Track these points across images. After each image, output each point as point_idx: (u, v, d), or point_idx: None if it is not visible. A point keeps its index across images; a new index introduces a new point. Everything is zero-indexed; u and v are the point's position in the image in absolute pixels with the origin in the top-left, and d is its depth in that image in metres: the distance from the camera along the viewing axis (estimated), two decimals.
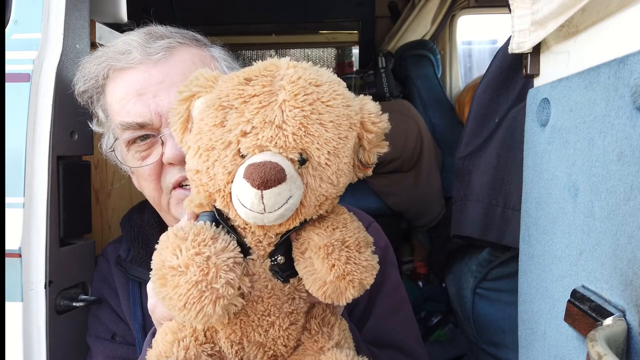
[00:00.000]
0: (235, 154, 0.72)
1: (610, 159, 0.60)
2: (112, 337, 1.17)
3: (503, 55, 1.26)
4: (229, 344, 0.79)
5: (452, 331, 2.58)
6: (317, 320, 0.85)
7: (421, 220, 2.69)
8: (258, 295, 0.77)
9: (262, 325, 0.78)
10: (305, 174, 0.73)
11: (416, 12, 3.15)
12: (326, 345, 0.82)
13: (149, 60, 1.04)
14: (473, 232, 1.37)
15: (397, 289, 1.22)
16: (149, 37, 1.07)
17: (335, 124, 0.73)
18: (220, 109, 0.73)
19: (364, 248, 0.77)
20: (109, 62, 1.07)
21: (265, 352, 0.80)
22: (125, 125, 1.05)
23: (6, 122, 1.09)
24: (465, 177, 1.39)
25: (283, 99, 0.71)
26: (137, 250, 1.18)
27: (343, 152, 0.75)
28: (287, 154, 0.71)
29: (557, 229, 0.73)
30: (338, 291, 0.74)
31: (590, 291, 0.64)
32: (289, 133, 0.70)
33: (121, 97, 1.06)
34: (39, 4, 1.15)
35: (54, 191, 1.13)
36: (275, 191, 0.67)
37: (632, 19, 0.60)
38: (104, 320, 1.19)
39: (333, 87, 0.75)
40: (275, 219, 0.71)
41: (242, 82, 0.73)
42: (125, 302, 1.18)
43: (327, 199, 0.76)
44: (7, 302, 1.08)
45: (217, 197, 0.75)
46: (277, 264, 0.78)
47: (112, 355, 1.14)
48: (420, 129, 2.58)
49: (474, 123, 1.37)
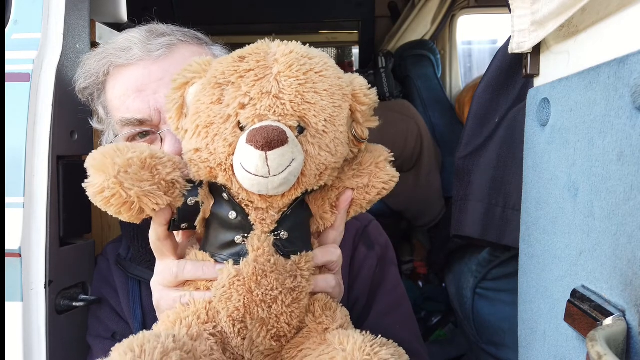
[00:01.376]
0: (235, 126, 0.73)
1: (610, 159, 0.60)
2: (113, 336, 1.17)
3: (503, 55, 1.25)
4: (230, 323, 0.79)
5: (452, 331, 2.58)
6: (321, 303, 0.85)
7: (421, 220, 2.69)
8: (262, 269, 0.78)
9: (266, 300, 0.78)
10: (305, 142, 0.75)
11: (416, 12, 3.15)
12: (331, 327, 0.83)
13: (149, 57, 1.05)
14: (473, 232, 1.37)
15: (397, 287, 1.23)
16: (150, 34, 1.08)
17: (329, 93, 0.76)
18: (216, 86, 0.75)
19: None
20: (109, 58, 1.07)
21: (269, 330, 0.80)
22: (124, 121, 1.05)
23: (6, 122, 1.09)
24: (465, 177, 1.39)
25: (278, 71, 0.73)
26: (137, 249, 1.18)
27: (339, 121, 0.78)
28: (286, 121, 0.73)
29: (557, 229, 0.73)
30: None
31: (590, 291, 0.64)
32: (286, 101, 0.72)
33: (121, 94, 1.06)
34: (39, 4, 1.15)
35: (54, 191, 1.13)
36: (279, 152, 0.68)
37: (632, 19, 0.60)
38: (104, 320, 1.20)
39: (324, 59, 0.79)
40: (280, 184, 0.72)
41: (237, 60, 0.76)
42: (125, 301, 1.18)
43: (327, 169, 0.78)
44: (7, 302, 1.08)
45: (219, 171, 0.75)
46: (280, 239, 0.80)
47: None
48: (420, 129, 2.58)
49: (474, 123, 1.37)
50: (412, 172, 2.60)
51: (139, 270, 1.17)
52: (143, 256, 1.16)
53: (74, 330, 1.20)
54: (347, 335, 0.77)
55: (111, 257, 1.24)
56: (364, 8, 3.48)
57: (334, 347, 0.76)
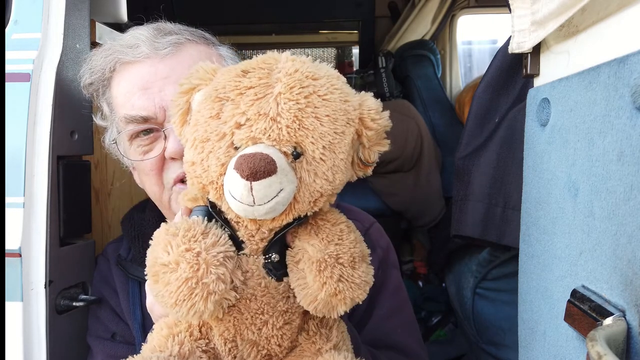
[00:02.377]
0: (229, 146, 0.71)
1: (610, 159, 0.60)
2: (112, 336, 1.17)
3: (503, 55, 1.25)
4: (222, 341, 0.79)
5: (452, 331, 2.58)
6: (316, 321, 0.84)
7: (421, 220, 2.69)
8: (251, 293, 0.76)
9: (256, 323, 0.77)
10: (299, 168, 0.72)
11: (416, 12, 3.15)
12: (324, 347, 0.81)
13: (156, 55, 1.04)
14: (473, 232, 1.37)
15: (398, 290, 1.21)
16: (158, 32, 1.07)
17: (331, 119, 0.72)
18: (216, 100, 0.73)
19: (358, 264, 0.76)
20: (116, 55, 1.06)
21: (259, 351, 0.79)
22: (129, 118, 1.05)
23: (6, 122, 1.09)
24: (465, 177, 1.39)
25: (279, 92, 0.70)
26: (138, 249, 1.17)
27: (339, 148, 0.74)
28: (280, 146, 0.70)
29: (557, 229, 0.73)
30: (329, 306, 0.74)
31: (590, 291, 0.64)
32: (282, 126, 0.69)
33: (126, 91, 1.06)
34: (39, 4, 1.15)
35: (54, 191, 1.13)
36: (265, 183, 0.66)
37: (632, 19, 0.60)
38: (103, 320, 1.19)
39: (331, 81, 0.74)
40: (266, 212, 0.69)
41: (240, 74, 0.73)
42: (125, 301, 1.18)
43: (322, 196, 0.75)
44: (7, 302, 1.08)
45: (210, 189, 0.74)
46: (272, 262, 0.77)
47: (112, 355, 1.13)
48: (420, 129, 2.58)
49: (474, 123, 1.37)
50: (412, 172, 2.60)
51: (139, 270, 1.14)
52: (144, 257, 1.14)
53: (74, 330, 1.20)
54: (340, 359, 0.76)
55: (111, 257, 1.24)
56: (364, 8, 3.48)
57: None
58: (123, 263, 1.19)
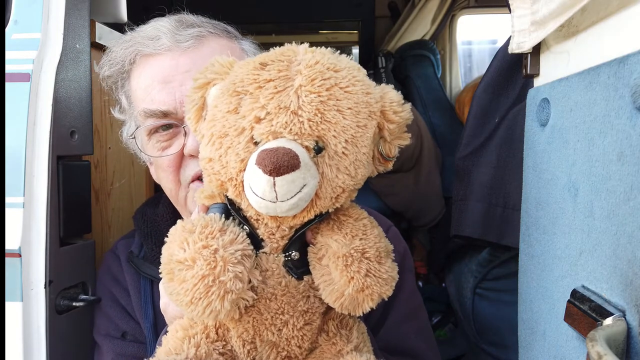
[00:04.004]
0: (249, 141, 0.69)
1: (610, 159, 0.60)
2: (122, 335, 1.15)
3: (503, 55, 1.26)
4: (240, 343, 0.77)
5: (452, 331, 2.58)
6: (335, 322, 0.82)
7: (421, 220, 2.69)
8: (271, 292, 0.75)
9: (276, 324, 0.76)
10: (322, 163, 0.69)
11: (416, 12, 3.15)
12: (345, 349, 0.79)
13: (177, 48, 1.01)
14: (473, 232, 1.37)
15: (414, 296, 1.19)
16: (180, 24, 1.05)
17: (353, 111, 0.70)
18: (234, 94, 0.70)
19: (384, 259, 0.74)
20: (136, 47, 1.04)
21: (279, 352, 0.77)
22: (148, 112, 1.02)
23: (6, 122, 1.09)
24: (465, 177, 1.39)
25: (299, 84, 0.68)
26: (150, 247, 1.15)
27: (362, 142, 0.71)
28: (302, 141, 0.67)
29: (557, 229, 0.73)
30: (355, 303, 0.73)
31: (590, 291, 0.64)
32: (304, 119, 0.67)
33: (146, 84, 1.03)
34: (39, 4, 1.15)
35: (54, 191, 1.13)
36: (288, 178, 0.64)
37: (632, 19, 0.60)
38: (114, 319, 1.17)
39: (352, 72, 0.72)
40: (289, 209, 0.68)
41: (258, 67, 0.70)
42: (137, 299, 1.15)
43: (344, 191, 0.73)
44: (7, 302, 1.08)
45: (229, 185, 0.71)
46: (292, 260, 0.75)
47: (122, 353, 1.12)
48: (420, 129, 2.58)
49: (474, 123, 1.37)
50: (412, 172, 2.60)
51: (151, 269, 1.13)
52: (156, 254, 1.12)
53: (74, 330, 1.20)
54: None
55: (122, 254, 1.21)
56: (364, 8, 3.48)
57: None
58: (135, 260, 1.17)
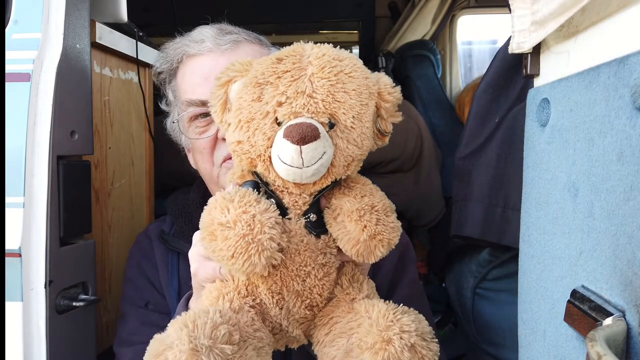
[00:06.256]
0: (273, 122, 0.82)
1: (610, 159, 0.60)
2: (146, 305, 1.28)
3: (503, 55, 1.26)
4: (270, 295, 0.88)
5: (452, 331, 2.58)
6: (348, 276, 0.95)
7: (421, 220, 2.68)
8: (295, 249, 0.87)
9: (300, 275, 0.88)
10: (334, 136, 0.83)
11: (416, 12, 3.15)
12: (357, 297, 0.92)
13: (218, 49, 1.21)
14: (473, 232, 1.37)
15: (416, 282, 1.34)
16: (220, 31, 1.25)
17: (357, 92, 0.84)
18: (257, 85, 0.83)
19: (390, 212, 0.88)
20: (183, 48, 1.24)
21: (303, 301, 0.89)
22: (190, 101, 1.21)
23: (6, 122, 1.09)
24: (465, 177, 1.39)
25: (312, 72, 0.82)
26: (181, 225, 1.31)
27: (365, 117, 0.85)
28: (318, 118, 0.81)
29: (557, 229, 0.73)
30: (369, 249, 0.85)
31: (590, 291, 0.64)
32: (318, 100, 0.81)
33: (190, 80, 1.22)
34: (39, 4, 1.15)
35: (54, 191, 1.13)
36: (312, 146, 0.77)
37: (632, 19, 0.60)
38: (139, 289, 1.29)
39: (353, 61, 0.86)
40: (312, 174, 0.81)
41: (275, 62, 0.84)
42: (164, 272, 1.29)
43: (354, 160, 0.86)
44: (7, 302, 1.08)
45: (258, 161, 0.84)
46: (310, 221, 0.88)
47: (144, 322, 1.23)
48: (420, 129, 2.57)
49: (474, 123, 1.37)
50: (412, 172, 2.60)
51: (179, 243, 1.28)
52: (185, 232, 1.27)
53: (74, 330, 1.21)
54: (372, 304, 0.87)
55: (153, 234, 1.36)
56: (364, 8, 3.48)
57: (360, 315, 0.86)
58: (165, 237, 1.32)
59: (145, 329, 1.21)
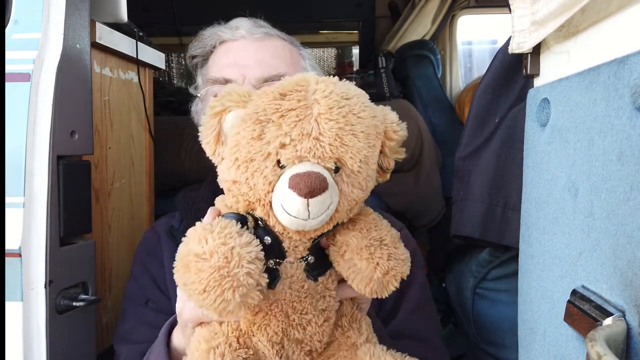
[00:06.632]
0: (275, 165, 0.76)
1: (610, 159, 0.60)
2: (146, 302, 1.27)
3: (503, 56, 1.26)
4: (270, 346, 0.83)
5: (452, 331, 2.58)
6: (347, 317, 0.91)
7: (421, 220, 2.68)
8: (297, 295, 0.83)
9: (301, 323, 0.84)
10: (340, 181, 0.77)
11: (416, 12, 3.15)
12: (358, 341, 0.89)
13: (250, 37, 1.28)
14: (473, 232, 1.37)
15: (424, 287, 1.34)
16: (255, 23, 1.33)
17: (365, 134, 0.78)
18: (257, 122, 0.76)
19: (398, 243, 0.85)
20: (219, 34, 1.31)
21: (302, 348, 0.85)
22: (214, 79, 1.25)
23: (6, 122, 1.09)
24: (465, 177, 1.39)
25: (318, 112, 0.75)
26: (189, 220, 1.28)
27: (372, 160, 0.81)
28: (324, 163, 0.75)
29: (557, 229, 0.73)
30: (382, 285, 0.82)
31: (590, 291, 0.64)
32: (325, 144, 0.75)
33: (219, 61, 1.28)
34: (39, 4, 1.15)
35: (54, 191, 1.13)
36: (320, 199, 0.72)
37: (632, 19, 0.60)
38: (141, 286, 1.28)
39: (361, 99, 0.80)
40: (317, 224, 0.77)
41: (278, 97, 0.77)
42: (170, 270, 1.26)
43: (357, 203, 0.82)
44: (7, 302, 1.08)
45: (257, 206, 0.79)
46: (308, 264, 0.83)
47: (141, 320, 1.22)
48: (420, 129, 2.57)
49: (474, 123, 1.37)
50: (412, 172, 2.60)
51: None
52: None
53: (74, 330, 1.20)
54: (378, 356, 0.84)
55: (161, 230, 1.36)
56: (364, 8, 3.47)
57: None
58: (174, 232, 1.32)
59: (141, 327, 1.21)
